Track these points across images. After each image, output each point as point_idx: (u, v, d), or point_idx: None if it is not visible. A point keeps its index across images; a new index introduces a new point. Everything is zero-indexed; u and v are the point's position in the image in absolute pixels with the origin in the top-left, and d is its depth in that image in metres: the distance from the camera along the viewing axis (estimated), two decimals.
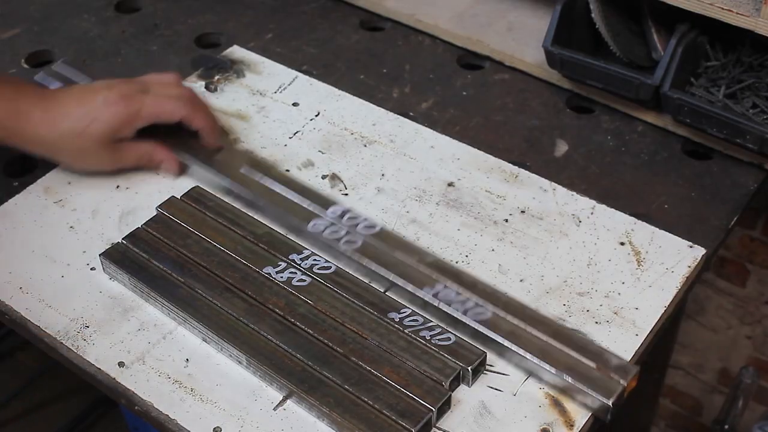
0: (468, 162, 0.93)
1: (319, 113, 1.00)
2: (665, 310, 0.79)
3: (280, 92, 1.02)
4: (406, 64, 1.08)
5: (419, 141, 0.96)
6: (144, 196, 0.89)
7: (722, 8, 0.85)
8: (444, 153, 0.95)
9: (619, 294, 0.80)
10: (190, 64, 1.08)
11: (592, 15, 0.95)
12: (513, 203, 0.89)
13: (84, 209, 0.88)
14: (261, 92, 1.03)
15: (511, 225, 0.87)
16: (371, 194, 0.90)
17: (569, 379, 0.70)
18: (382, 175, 0.92)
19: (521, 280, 0.81)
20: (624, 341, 0.76)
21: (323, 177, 0.92)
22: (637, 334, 0.77)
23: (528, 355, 0.71)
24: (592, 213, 0.88)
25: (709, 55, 0.95)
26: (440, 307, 0.75)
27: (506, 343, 0.72)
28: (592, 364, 0.71)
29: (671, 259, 0.83)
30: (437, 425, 0.70)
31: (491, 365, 0.74)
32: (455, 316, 0.74)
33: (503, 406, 0.71)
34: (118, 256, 0.81)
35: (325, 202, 0.84)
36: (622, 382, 0.70)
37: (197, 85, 1.03)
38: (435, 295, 0.75)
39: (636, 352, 0.76)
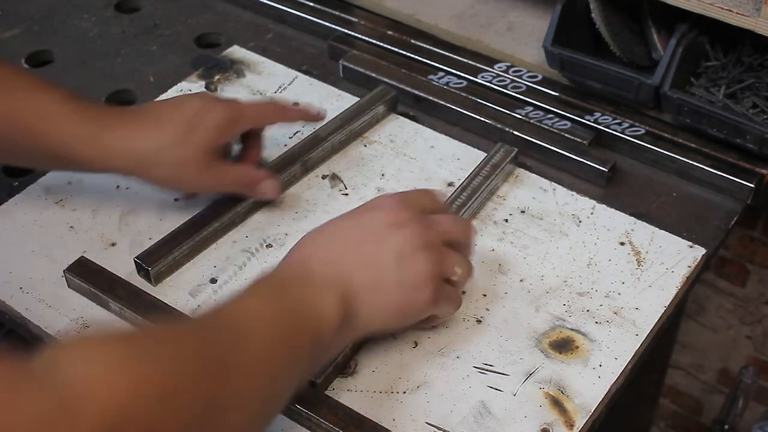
0: (468, 162, 0.93)
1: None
2: (665, 310, 0.79)
3: (280, 92, 1.02)
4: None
5: (419, 141, 0.96)
6: (144, 196, 0.89)
7: (722, 8, 0.85)
8: (444, 153, 0.95)
9: (619, 294, 0.80)
10: (190, 64, 1.08)
11: (592, 15, 0.95)
12: (513, 203, 0.89)
13: (84, 209, 0.88)
14: (261, 92, 1.03)
15: (511, 225, 0.87)
16: (371, 194, 0.90)
17: None
18: (382, 175, 0.92)
19: (521, 280, 0.81)
20: (624, 341, 0.76)
21: (323, 177, 0.92)
22: (637, 334, 0.77)
23: None
24: (592, 213, 0.88)
25: (709, 55, 0.95)
26: None
27: None
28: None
29: (671, 259, 0.83)
30: (435, 425, 0.70)
31: (491, 365, 0.74)
32: None
33: (503, 406, 0.71)
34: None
35: None
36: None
37: (197, 85, 1.03)
38: None
39: (636, 352, 0.76)
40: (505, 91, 1.00)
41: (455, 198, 0.86)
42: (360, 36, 1.09)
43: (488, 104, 0.99)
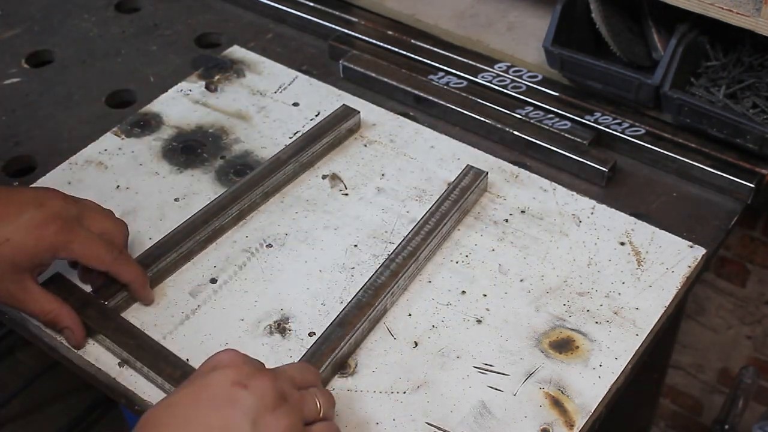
0: (468, 162, 0.93)
1: (319, 113, 1.00)
2: (665, 310, 0.79)
3: (280, 92, 1.02)
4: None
5: (419, 141, 0.96)
6: (144, 196, 0.89)
7: (722, 8, 0.85)
8: (444, 153, 0.95)
9: (619, 294, 0.80)
10: (190, 64, 1.08)
11: (593, 15, 0.95)
12: (513, 203, 0.89)
13: None
14: (261, 92, 1.03)
15: (511, 225, 0.87)
16: (371, 194, 0.90)
17: None
18: (382, 175, 0.92)
19: (521, 280, 0.81)
20: (624, 341, 0.76)
21: (323, 177, 0.92)
22: (637, 334, 0.77)
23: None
24: (592, 213, 0.88)
25: (709, 55, 0.95)
26: None
27: None
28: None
29: (671, 259, 0.83)
30: (435, 425, 0.70)
31: (491, 365, 0.74)
32: None
33: (503, 406, 0.71)
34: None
35: None
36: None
37: (197, 85, 1.03)
38: None
39: (636, 352, 0.76)
40: (505, 91, 1.00)
41: (423, 224, 0.83)
42: (360, 36, 1.09)
43: (488, 104, 0.99)
